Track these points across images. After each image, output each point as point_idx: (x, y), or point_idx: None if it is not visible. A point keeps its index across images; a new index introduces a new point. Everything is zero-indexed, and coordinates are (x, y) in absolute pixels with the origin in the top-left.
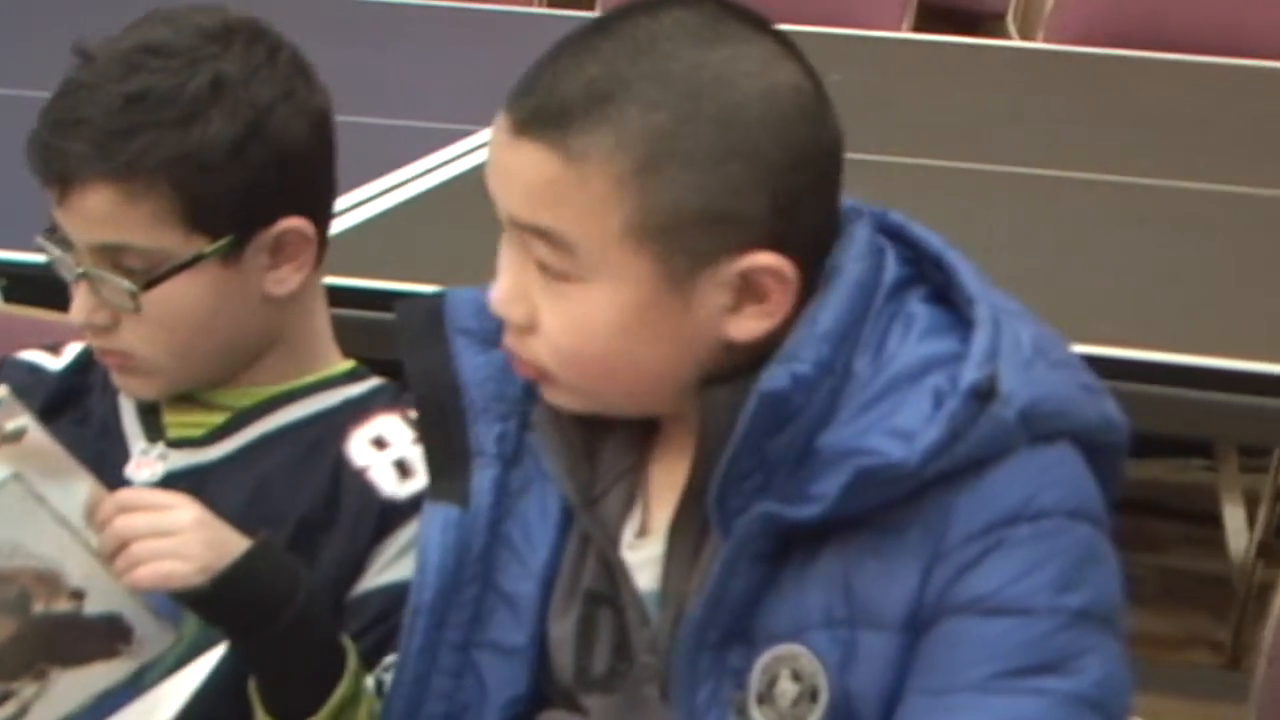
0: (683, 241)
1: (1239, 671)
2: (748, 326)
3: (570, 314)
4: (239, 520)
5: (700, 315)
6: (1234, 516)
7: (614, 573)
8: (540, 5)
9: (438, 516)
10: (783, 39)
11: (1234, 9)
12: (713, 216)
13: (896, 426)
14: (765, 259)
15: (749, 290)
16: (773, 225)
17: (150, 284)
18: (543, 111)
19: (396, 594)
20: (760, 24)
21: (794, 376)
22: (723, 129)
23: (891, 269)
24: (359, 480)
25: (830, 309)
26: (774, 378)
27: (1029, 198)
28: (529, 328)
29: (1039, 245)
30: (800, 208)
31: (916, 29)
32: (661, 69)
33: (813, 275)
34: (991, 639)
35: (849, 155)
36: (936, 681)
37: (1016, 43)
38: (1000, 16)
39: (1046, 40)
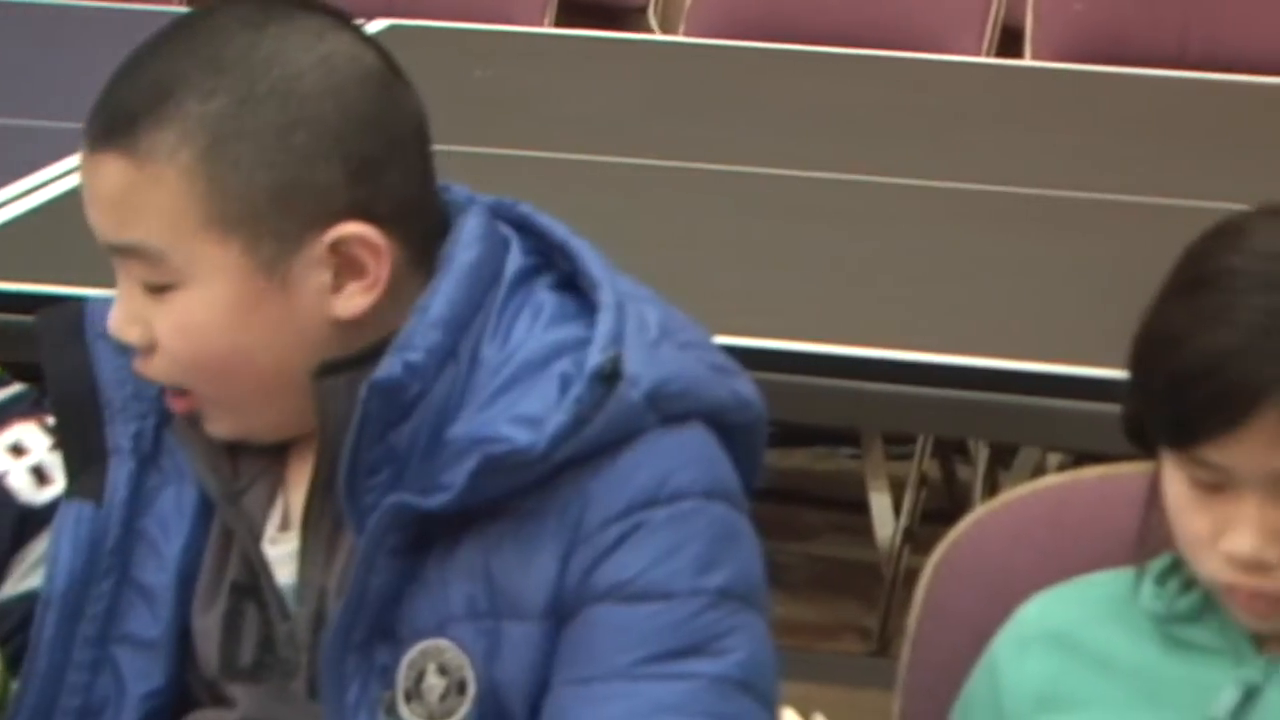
0: (265, 224)
1: (887, 658)
2: (353, 303)
3: (179, 322)
4: None
5: (304, 299)
6: (880, 504)
7: (256, 566)
8: (183, 5)
9: (71, 512)
10: (339, 16)
11: (872, 2)
12: (287, 191)
13: (523, 413)
14: (351, 228)
15: (346, 266)
16: (352, 194)
17: None
18: (111, 122)
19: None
20: (313, 4)
21: (407, 365)
22: (282, 101)
23: (516, 258)
24: None
25: (441, 296)
26: (387, 367)
27: (673, 191)
28: (150, 347)
29: (683, 238)
30: (380, 176)
31: (559, 24)
32: (216, 57)
33: (428, 264)
34: (635, 624)
35: (494, 150)
36: (584, 670)
37: (658, 36)
38: (642, 10)
39: (688, 33)
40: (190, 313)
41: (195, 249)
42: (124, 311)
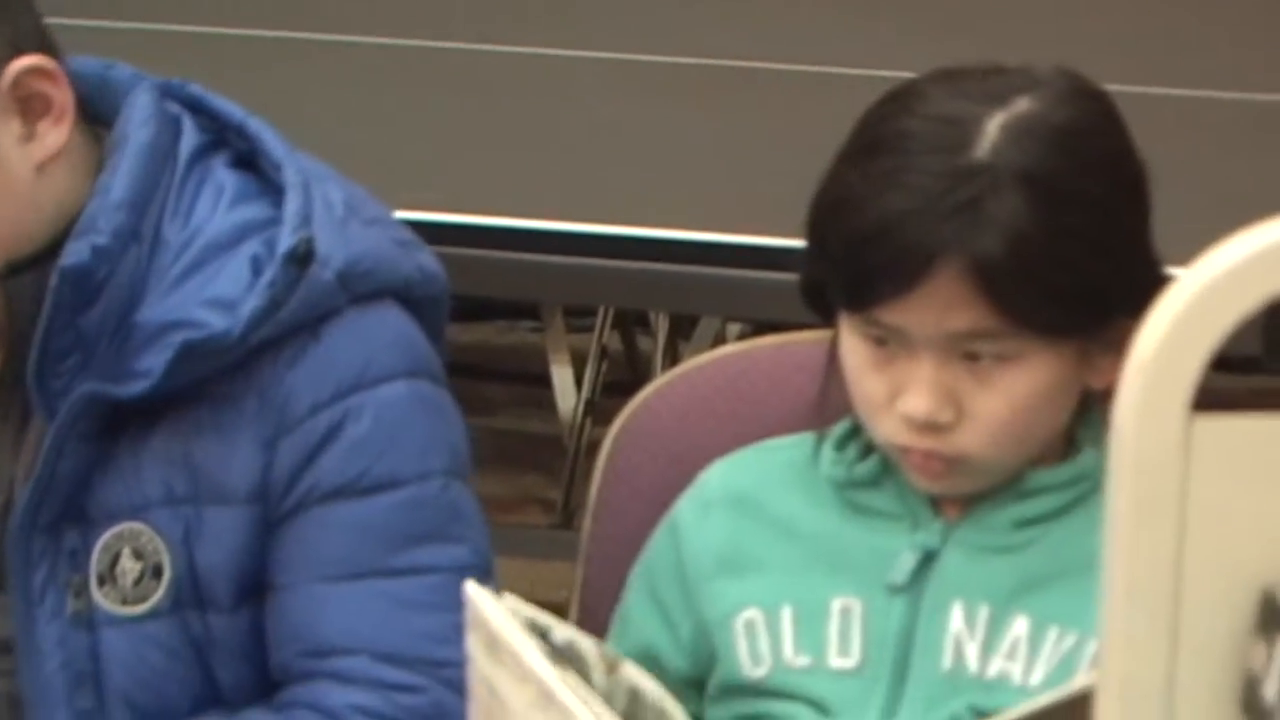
0: None
1: (570, 530)
2: (49, 141)
3: None
4: None
5: (10, 163)
6: (562, 377)
7: None
8: None
9: None
10: None
11: None
12: None
13: (217, 296)
14: (20, 63)
15: (30, 107)
16: (4, 36)
17: None
18: None
19: None
20: None
21: (94, 249)
22: None
23: (191, 136)
24: None
25: (122, 176)
26: (74, 253)
27: (344, 66)
28: None
29: (357, 114)
30: (10, 13)
31: None
32: None
33: (100, 143)
34: (371, 518)
35: (162, 26)
36: (328, 569)
37: None
38: None
39: None
40: None
41: None
42: None
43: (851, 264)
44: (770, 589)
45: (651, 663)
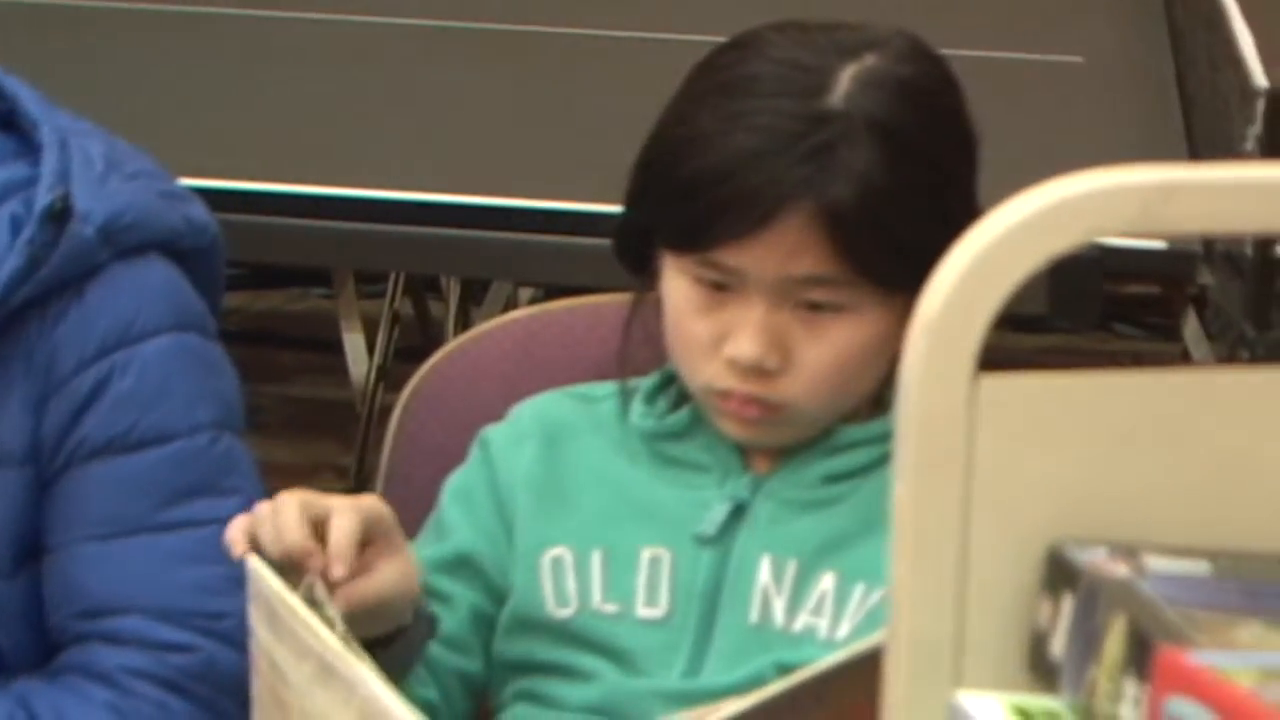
0: None
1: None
2: None
3: None
4: None
5: None
6: (354, 343)
7: None
8: None
9: None
10: None
11: None
12: None
13: None
14: None
15: None
16: None
17: None
18: None
19: None
20: None
21: None
22: None
23: None
24: None
25: None
26: None
27: (130, 33)
28: None
29: (141, 82)
30: None
31: None
32: None
33: None
34: (140, 474)
35: None
36: (98, 528)
37: None
38: None
39: None
40: None
41: None
42: None
43: (695, 202)
44: (580, 530)
45: (470, 570)
